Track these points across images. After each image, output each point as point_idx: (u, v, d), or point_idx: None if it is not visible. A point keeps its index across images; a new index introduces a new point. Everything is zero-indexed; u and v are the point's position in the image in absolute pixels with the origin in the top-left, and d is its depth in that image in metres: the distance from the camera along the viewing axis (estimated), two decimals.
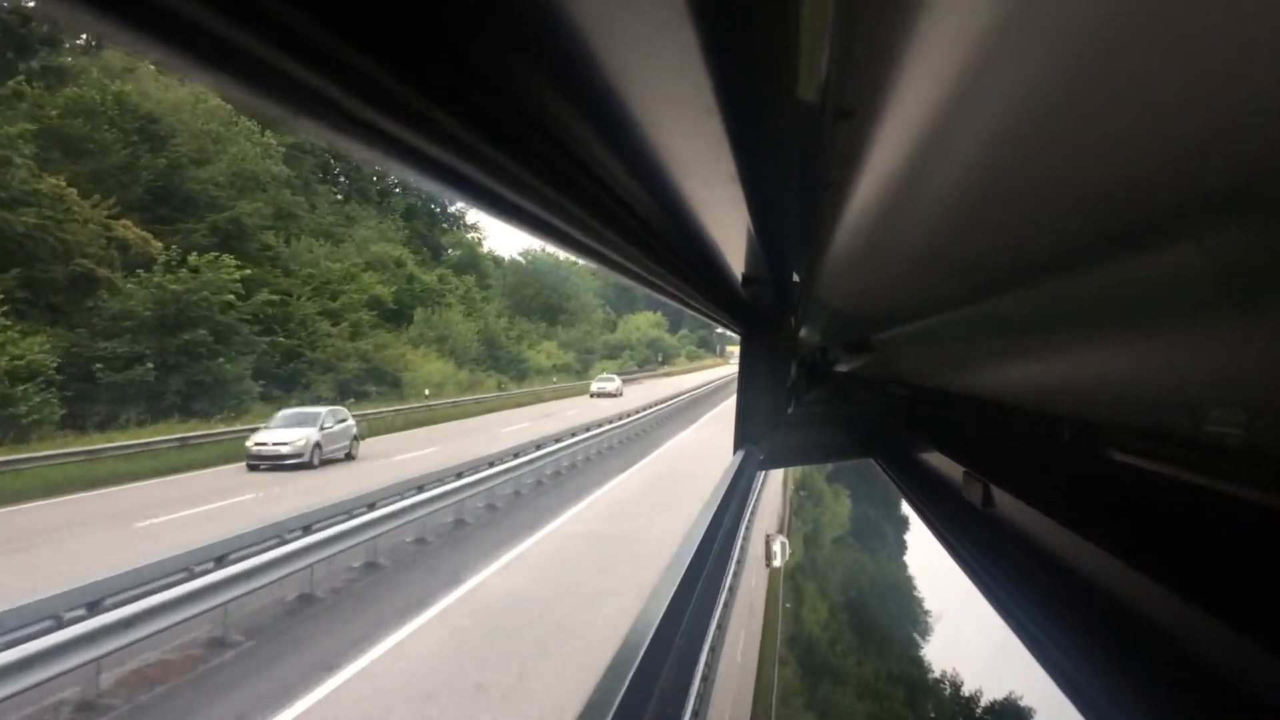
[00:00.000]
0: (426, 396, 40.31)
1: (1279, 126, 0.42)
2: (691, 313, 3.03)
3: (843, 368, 4.82)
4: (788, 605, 11.31)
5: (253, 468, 23.24)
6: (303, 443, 23.57)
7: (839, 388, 5.27)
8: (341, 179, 57.43)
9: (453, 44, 0.61)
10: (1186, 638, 0.76)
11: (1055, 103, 0.57)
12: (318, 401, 31.63)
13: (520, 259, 73.66)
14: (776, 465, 4.78)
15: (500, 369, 53.34)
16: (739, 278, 2.41)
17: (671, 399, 45.20)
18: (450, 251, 63.08)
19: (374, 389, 39.00)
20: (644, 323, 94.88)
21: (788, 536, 15.45)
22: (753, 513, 12.34)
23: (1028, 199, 0.81)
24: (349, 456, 25.65)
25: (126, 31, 0.41)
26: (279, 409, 27.21)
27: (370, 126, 0.61)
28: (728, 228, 1.61)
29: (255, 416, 28.68)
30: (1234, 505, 0.71)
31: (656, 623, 1.55)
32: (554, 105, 0.76)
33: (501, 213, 0.93)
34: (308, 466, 23.29)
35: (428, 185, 0.78)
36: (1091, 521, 1.02)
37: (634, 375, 72.65)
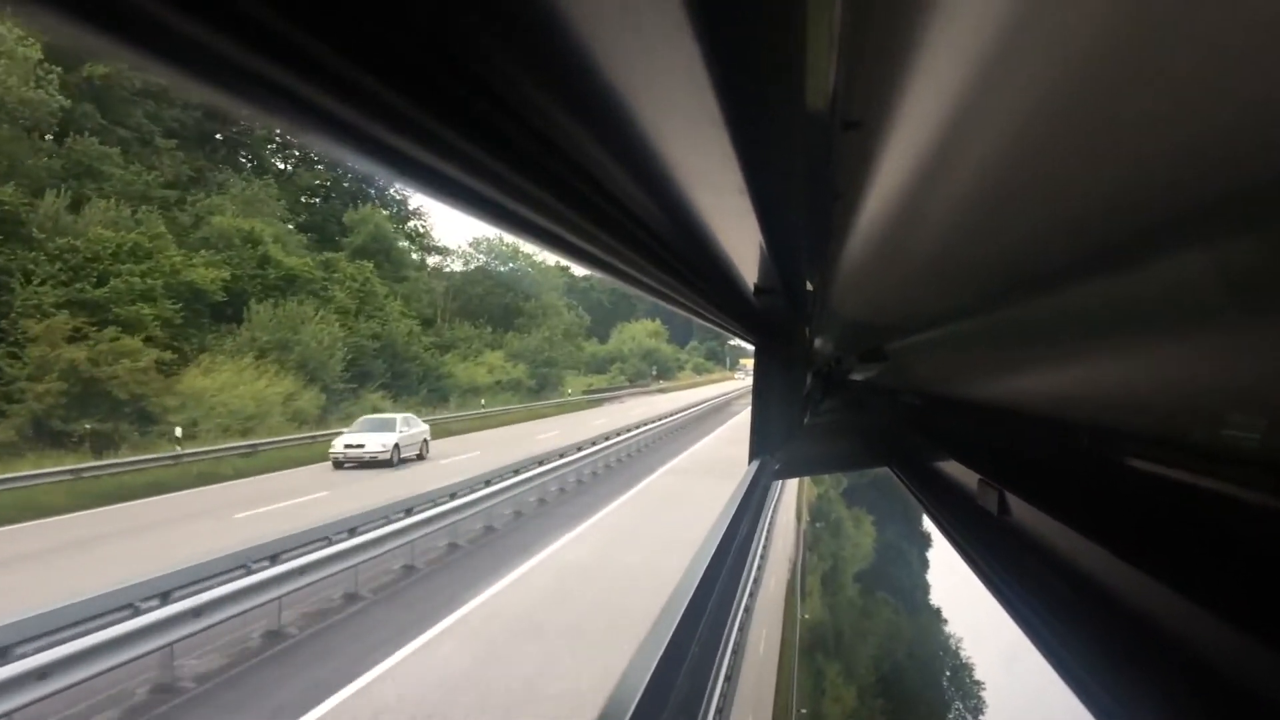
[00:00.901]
0: (177, 441, 23.71)
1: None
2: (704, 324, 3.03)
3: (858, 377, 4.81)
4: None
5: None
6: None
7: (855, 397, 5.26)
8: (242, 156, 43.87)
9: (457, 58, 0.62)
10: (1204, 646, 0.76)
11: (1064, 110, 0.57)
12: None
13: (471, 250, 57.28)
14: (792, 475, 4.78)
15: (408, 390, 37.97)
16: (751, 288, 2.41)
17: (635, 429, 30.23)
18: (354, 231, 44.66)
19: (86, 427, 22.54)
20: (640, 332, 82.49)
21: (803, 579, 13.04)
22: (768, 533, 12.04)
23: (1039, 207, 0.81)
24: None
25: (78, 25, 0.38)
26: None
27: (377, 141, 0.61)
28: (738, 239, 1.61)
29: None
30: (1252, 512, 0.71)
31: (669, 635, 1.52)
32: (561, 118, 0.77)
33: (512, 227, 0.94)
34: None
35: (439, 200, 0.79)
36: (1107, 529, 1.02)
37: (617, 393, 61.06)
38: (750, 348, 5.11)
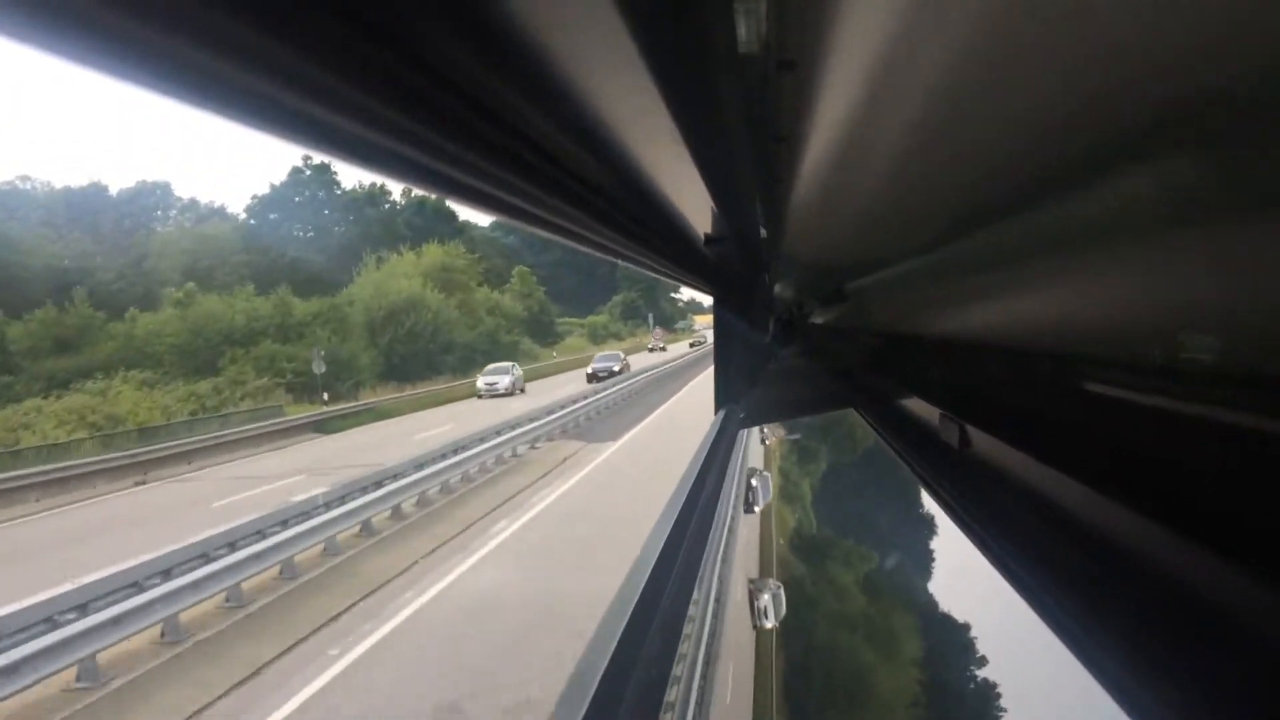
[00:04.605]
0: None
1: (1236, 44, 0.41)
2: (657, 276, 3.01)
3: (820, 320, 4.83)
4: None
5: None
6: None
7: (817, 341, 5.29)
8: None
9: (365, 11, 0.58)
10: (1166, 565, 0.76)
11: (999, 38, 0.56)
12: None
13: None
14: (759, 422, 4.82)
15: None
16: (702, 238, 2.39)
17: None
18: None
19: None
20: (404, 269, 45.55)
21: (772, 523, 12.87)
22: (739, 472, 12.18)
23: (980, 137, 0.79)
24: None
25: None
26: None
27: (287, 107, 0.57)
28: (682, 189, 1.58)
29: None
30: (1209, 429, 0.71)
31: (637, 596, 1.50)
32: (480, 71, 0.73)
33: (444, 190, 0.90)
34: None
35: (357, 166, 0.75)
36: (1068, 455, 1.02)
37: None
38: (705, 301, 5.13)
